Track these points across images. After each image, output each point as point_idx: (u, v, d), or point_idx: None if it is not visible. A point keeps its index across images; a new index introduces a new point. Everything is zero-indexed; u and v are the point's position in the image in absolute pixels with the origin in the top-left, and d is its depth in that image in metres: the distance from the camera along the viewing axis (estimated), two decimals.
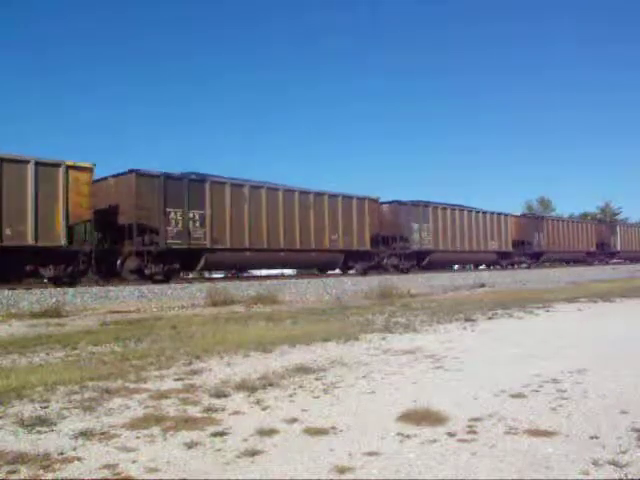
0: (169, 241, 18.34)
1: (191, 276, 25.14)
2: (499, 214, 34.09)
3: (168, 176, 18.65)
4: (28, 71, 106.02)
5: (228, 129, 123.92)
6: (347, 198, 24.81)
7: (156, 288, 16.21)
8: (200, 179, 19.57)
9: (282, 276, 25.39)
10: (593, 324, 9.29)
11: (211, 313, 11.59)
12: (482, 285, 20.80)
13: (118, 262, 18.25)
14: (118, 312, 12.01)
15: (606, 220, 56.06)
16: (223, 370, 5.67)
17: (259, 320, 10.01)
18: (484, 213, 32.72)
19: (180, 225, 18.64)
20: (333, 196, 24.14)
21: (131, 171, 18.12)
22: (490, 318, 10.10)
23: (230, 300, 13.83)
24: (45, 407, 4.31)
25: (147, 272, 18.11)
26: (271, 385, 4.94)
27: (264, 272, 26.10)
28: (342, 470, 2.97)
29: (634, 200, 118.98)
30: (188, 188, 19.00)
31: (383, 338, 7.74)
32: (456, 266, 34.41)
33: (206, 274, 26.52)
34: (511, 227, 34.79)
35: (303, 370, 5.55)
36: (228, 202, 20.04)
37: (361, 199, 25.44)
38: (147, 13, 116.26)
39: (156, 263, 18.32)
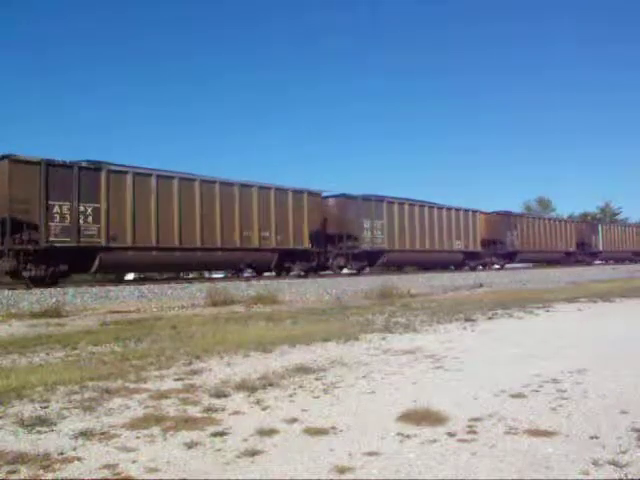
0: (52, 238, 15.88)
1: (191, 276, 25.11)
2: (466, 210, 30.95)
3: (51, 163, 16.08)
4: (28, 71, 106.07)
5: (228, 129, 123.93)
6: (281, 191, 22.09)
7: (156, 288, 16.21)
8: (94, 167, 17.02)
9: (282, 276, 25.31)
10: (593, 324, 9.29)
11: (211, 313, 11.59)
12: (482, 285, 20.80)
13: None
14: (118, 312, 12.01)
15: (587, 219, 54.60)
16: (223, 370, 5.67)
17: (259, 320, 10.00)
18: (448, 209, 29.77)
19: (67, 220, 16.19)
20: (264, 188, 21.47)
21: (3, 157, 15.60)
22: (490, 318, 10.10)
23: (230, 300, 13.82)
24: (45, 407, 4.31)
25: (26, 274, 15.72)
26: (271, 385, 4.95)
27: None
28: (342, 470, 2.97)
29: (634, 200, 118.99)
30: (79, 177, 16.48)
31: (383, 338, 7.74)
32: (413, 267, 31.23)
33: (206, 274, 26.46)
34: (480, 225, 31.82)
35: (303, 370, 5.55)
36: (130, 194, 17.53)
37: (299, 192, 22.70)
38: (147, 13, 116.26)
39: (37, 264, 15.86)
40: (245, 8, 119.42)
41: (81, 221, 16.44)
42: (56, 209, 15.97)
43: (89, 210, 16.62)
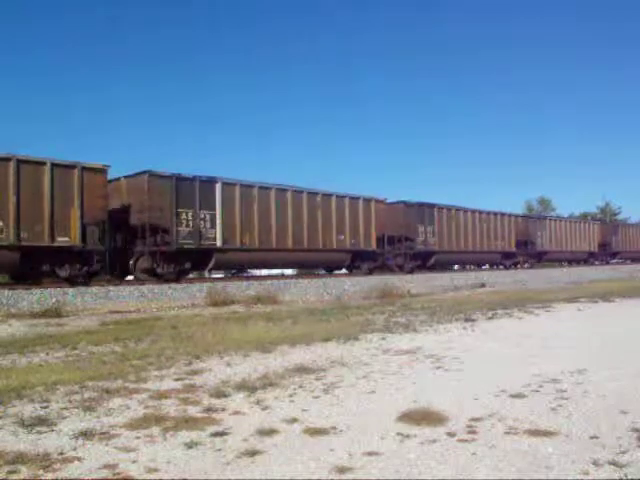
0: (181, 241, 18.62)
1: (191, 276, 25.13)
2: (502, 214, 34.10)
3: (179, 177, 18.94)
4: (27, 71, 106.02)
5: (228, 129, 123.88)
6: (354, 199, 24.95)
7: (156, 288, 16.21)
8: (210, 180, 19.87)
9: (282, 276, 25.37)
10: (593, 324, 9.28)
11: (211, 313, 11.59)
12: (482, 285, 20.78)
13: (130, 262, 18.44)
14: (118, 312, 12.01)
15: (606, 220, 55.93)
16: (223, 370, 5.67)
17: (259, 320, 10.00)
18: (487, 213, 32.79)
19: (191, 225, 18.94)
20: (340, 197, 24.33)
21: (144, 172, 18.42)
22: (490, 318, 10.10)
23: (230, 300, 13.81)
24: (45, 407, 4.31)
25: (159, 271, 18.46)
26: (271, 385, 4.94)
27: (273, 271, 26.28)
28: (342, 470, 2.97)
29: (634, 200, 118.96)
30: (199, 189, 19.29)
31: (383, 338, 7.73)
32: (456, 266, 34.38)
33: (206, 274, 26.49)
34: (514, 227, 34.68)
35: (303, 370, 5.55)
36: (238, 203, 20.36)
37: (367, 200, 25.54)
38: (147, 13, 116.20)
39: (168, 263, 18.64)
40: (245, 8, 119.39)
41: (201, 226, 19.23)
42: (183, 216, 18.80)
43: (207, 216, 19.46)
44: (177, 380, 5.22)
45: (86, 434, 3.60)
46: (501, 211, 34.37)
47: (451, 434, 3.52)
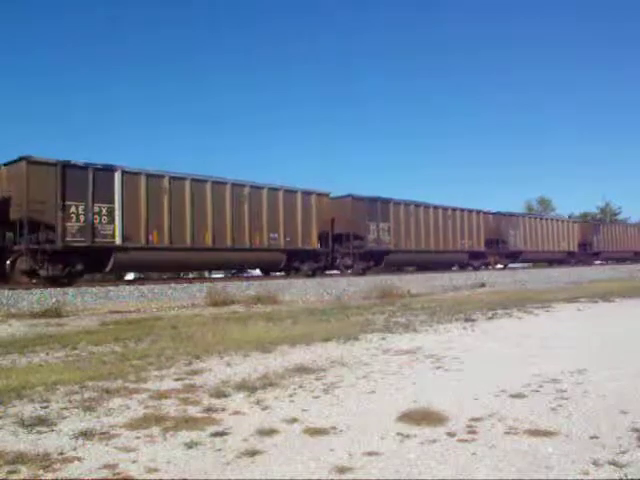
0: (68, 238, 16.34)
1: (191, 276, 25.09)
2: (470, 211, 31.43)
3: (67, 164, 16.52)
4: (27, 70, 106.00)
5: (228, 129, 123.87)
6: (290, 192, 22.37)
7: (156, 288, 16.21)
8: (108, 168, 17.52)
9: (282, 276, 25.32)
10: (593, 324, 9.28)
11: (211, 313, 11.59)
12: (482, 285, 20.78)
13: (7, 262, 16.47)
14: (118, 312, 12.01)
15: (589, 220, 54.72)
16: (223, 370, 5.67)
17: (259, 320, 10.00)
18: (453, 210, 30.18)
19: (82, 220, 16.66)
20: (273, 189, 21.81)
21: (22, 158, 15.99)
22: (490, 318, 10.10)
23: (230, 300, 13.81)
24: (45, 407, 4.31)
25: (43, 273, 16.27)
26: (271, 385, 4.94)
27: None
28: (342, 470, 2.97)
29: (634, 200, 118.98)
30: (93, 178, 16.94)
31: (383, 338, 7.73)
32: (410, 268, 31.16)
33: (206, 274, 26.43)
34: (484, 225, 32.24)
35: (303, 370, 5.55)
36: (143, 195, 18.04)
37: (307, 193, 22.95)
38: (147, 13, 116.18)
39: (53, 263, 16.32)
40: (245, 8, 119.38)
41: (96, 221, 17.00)
42: (72, 209, 16.49)
43: (103, 210, 17.17)
44: (177, 380, 5.22)
45: (86, 434, 3.60)
46: (468, 208, 31.49)
47: (451, 434, 3.52)
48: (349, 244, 24.70)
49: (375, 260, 25.91)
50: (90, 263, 17.33)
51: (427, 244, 28.20)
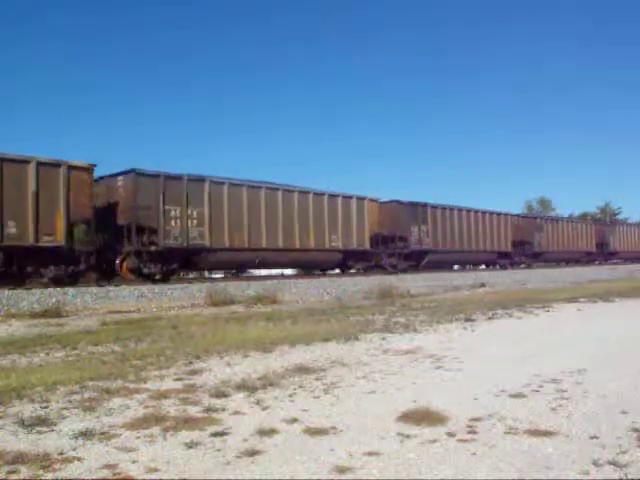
0: (168, 241, 18.68)
1: (191, 276, 25.13)
2: (498, 214, 34.07)
3: (167, 176, 19.00)
4: (27, 70, 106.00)
5: (227, 129, 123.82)
6: (346, 198, 24.91)
7: (156, 288, 16.21)
8: (199, 178, 19.89)
9: (282, 276, 25.37)
10: (593, 324, 9.28)
11: (211, 313, 11.59)
12: (482, 285, 20.78)
13: (117, 261, 18.39)
14: (118, 312, 12.01)
15: (605, 220, 55.81)
16: (223, 370, 5.67)
17: (259, 320, 10.00)
18: (483, 213, 32.73)
19: (179, 224, 18.99)
20: (332, 196, 24.34)
21: (131, 170, 18.41)
22: (490, 318, 10.10)
23: (230, 300, 13.81)
24: (45, 407, 4.31)
25: (146, 271, 18.53)
26: (271, 385, 4.94)
27: (264, 272, 26.09)
28: (342, 470, 2.97)
29: (634, 200, 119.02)
30: (187, 187, 19.33)
31: (383, 338, 7.73)
32: (456, 266, 34.41)
33: (206, 274, 26.48)
34: (510, 227, 34.71)
35: (303, 370, 5.55)
36: (226, 202, 20.41)
37: (360, 199, 25.52)
38: (147, 13, 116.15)
39: (155, 263, 18.68)
40: (245, 8, 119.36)
41: (189, 225, 19.62)
42: (172, 214, 19.04)
43: (195, 215, 19.66)
44: (177, 380, 5.22)
45: (86, 434, 3.60)
46: (497, 211, 34.35)
47: (451, 434, 3.52)
48: (394, 245, 27.11)
49: (416, 259, 28.37)
50: (184, 262, 19.93)
51: (461, 244, 30.75)
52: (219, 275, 26.25)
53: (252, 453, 3.23)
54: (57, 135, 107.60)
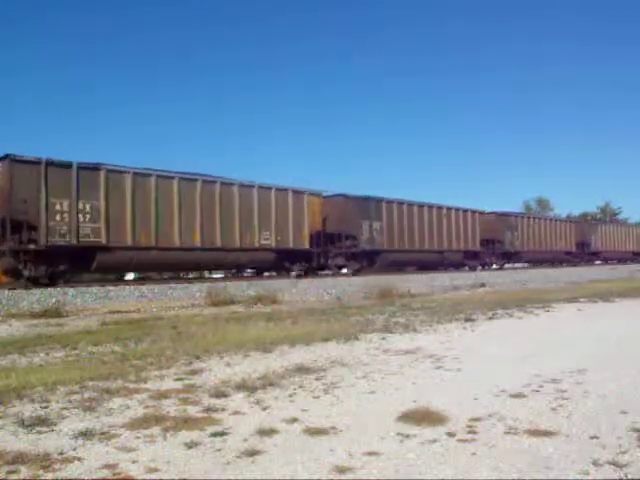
0: (52, 238, 16.04)
1: (191, 276, 25.06)
2: (465, 210, 31.20)
3: (51, 162, 16.29)
4: (27, 70, 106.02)
5: (227, 129, 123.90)
6: (281, 191, 21.98)
7: (156, 288, 16.21)
8: (93, 166, 17.28)
9: (282, 276, 25.27)
10: (593, 324, 9.28)
11: (211, 313, 11.58)
12: (482, 285, 20.76)
13: None
14: (118, 312, 12.00)
15: (586, 219, 54.27)
16: (223, 370, 5.66)
17: (259, 320, 9.99)
18: (448, 209, 29.90)
19: (67, 220, 16.41)
20: (264, 188, 21.41)
21: (5, 156, 15.72)
22: (490, 318, 10.09)
23: (230, 300, 13.80)
24: (45, 407, 4.31)
25: (26, 274, 16.02)
26: (271, 385, 4.94)
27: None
28: (342, 470, 2.96)
29: (634, 200, 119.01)
30: (78, 177, 16.70)
31: (383, 338, 7.73)
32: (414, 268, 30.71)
33: (206, 274, 26.39)
34: (479, 225, 31.95)
35: (303, 370, 5.55)
36: (129, 194, 17.79)
37: (298, 192, 22.48)
38: (147, 13, 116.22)
39: (37, 264, 16.15)
40: (245, 8, 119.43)
41: (80, 220, 17.00)
42: (57, 208, 16.34)
43: (88, 209, 17.11)
44: (177, 380, 5.22)
45: (86, 434, 3.60)
46: (464, 207, 31.32)
47: (451, 434, 3.51)
48: (341, 244, 24.29)
49: (368, 260, 25.43)
50: (77, 263, 17.44)
51: (421, 244, 27.82)
52: (219, 275, 26.16)
53: (252, 453, 3.23)
54: (57, 135, 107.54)
